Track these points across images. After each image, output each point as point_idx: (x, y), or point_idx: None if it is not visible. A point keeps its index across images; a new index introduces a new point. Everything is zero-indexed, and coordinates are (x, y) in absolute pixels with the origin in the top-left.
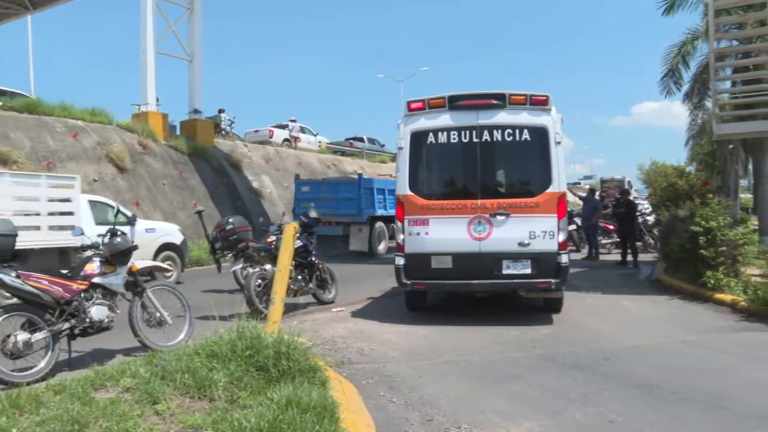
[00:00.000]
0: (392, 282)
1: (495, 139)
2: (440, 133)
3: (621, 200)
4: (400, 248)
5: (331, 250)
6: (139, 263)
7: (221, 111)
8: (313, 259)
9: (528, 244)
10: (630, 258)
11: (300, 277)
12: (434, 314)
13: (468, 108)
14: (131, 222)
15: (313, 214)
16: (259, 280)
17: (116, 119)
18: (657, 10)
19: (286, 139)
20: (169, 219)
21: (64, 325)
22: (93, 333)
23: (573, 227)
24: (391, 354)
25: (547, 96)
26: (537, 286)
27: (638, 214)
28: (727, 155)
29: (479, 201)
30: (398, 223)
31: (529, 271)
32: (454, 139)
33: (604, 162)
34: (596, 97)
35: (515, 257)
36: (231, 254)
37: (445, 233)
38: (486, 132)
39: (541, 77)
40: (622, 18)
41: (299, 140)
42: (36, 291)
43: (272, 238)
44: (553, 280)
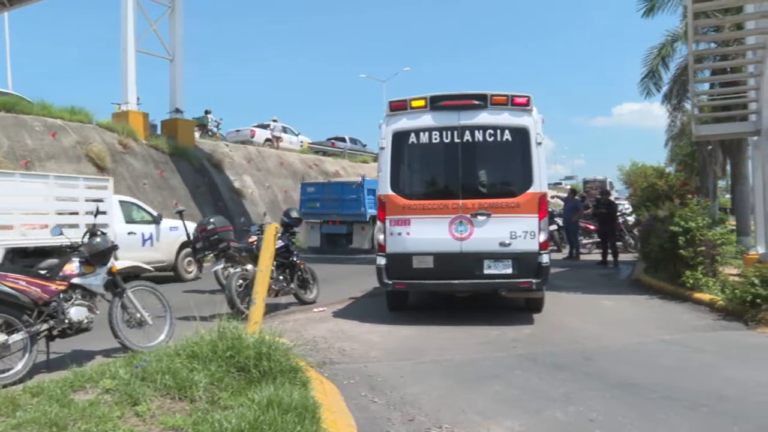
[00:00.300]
0: (374, 282)
1: (476, 140)
2: (422, 134)
3: (601, 200)
4: (381, 248)
5: (336, 248)
6: (119, 263)
7: (208, 112)
8: (294, 259)
9: (509, 244)
10: (610, 258)
11: (281, 278)
12: (416, 314)
13: (449, 108)
14: (156, 221)
15: (294, 214)
16: (240, 281)
17: (96, 118)
18: (637, 12)
19: (268, 139)
20: None
21: (42, 326)
22: (72, 334)
23: (554, 227)
24: (373, 354)
25: (528, 97)
26: (518, 285)
27: (618, 214)
28: (705, 156)
29: (460, 201)
30: (379, 223)
31: (510, 271)
32: (435, 139)
33: (584, 162)
34: (577, 98)
35: (496, 257)
36: (212, 254)
37: (427, 233)
38: (467, 132)
39: (522, 78)
40: (604, 19)
41: (281, 140)
42: (13, 292)
43: (253, 238)
44: (534, 280)
